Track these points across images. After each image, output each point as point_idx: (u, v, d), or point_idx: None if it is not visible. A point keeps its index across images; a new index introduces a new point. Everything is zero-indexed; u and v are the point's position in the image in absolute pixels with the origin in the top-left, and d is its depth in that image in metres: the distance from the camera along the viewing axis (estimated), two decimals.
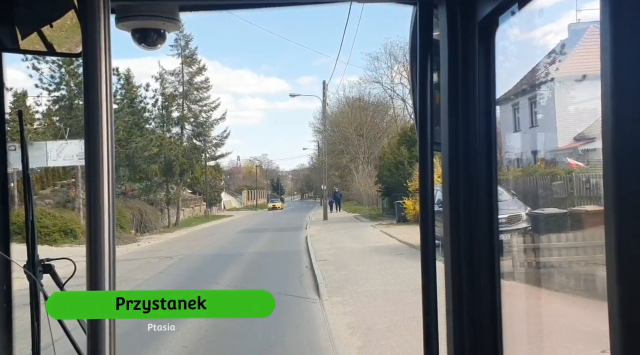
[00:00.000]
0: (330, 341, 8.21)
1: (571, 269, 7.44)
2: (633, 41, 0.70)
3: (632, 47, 0.70)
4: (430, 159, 1.41)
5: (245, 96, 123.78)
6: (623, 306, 0.71)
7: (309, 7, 1.65)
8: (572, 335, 5.38)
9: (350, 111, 55.77)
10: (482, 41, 1.32)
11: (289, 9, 1.68)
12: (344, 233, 25.48)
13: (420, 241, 1.42)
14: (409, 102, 42.32)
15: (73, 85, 30.06)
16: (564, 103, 13.15)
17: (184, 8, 1.56)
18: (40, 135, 28.47)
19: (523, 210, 10.97)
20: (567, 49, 11.81)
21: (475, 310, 1.35)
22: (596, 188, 8.92)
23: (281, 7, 1.70)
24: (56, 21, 1.50)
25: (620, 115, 0.71)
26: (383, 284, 12.27)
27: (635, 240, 0.70)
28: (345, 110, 57.15)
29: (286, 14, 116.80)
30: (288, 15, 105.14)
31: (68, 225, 24.99)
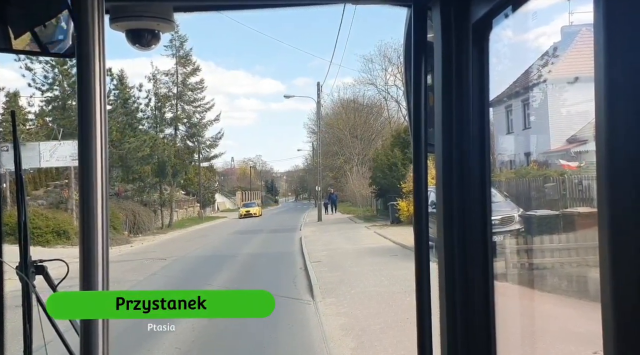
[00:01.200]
0: (324, 342, 8.21)
1: (563, 271, 7.47)
2: (627, 43, 0.70)
3: (625, 50, 0.71)
4: (424, 161, 1.41)
5: (239, 97, 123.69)
6: (616, 308, 0.72)
7: (303, 8, 1.65)
8: (564, 336, 5.41)
9: (345, 113, 55.81)
10: (475, 43, 1.33)
11: (283, 10, 1.68)
12: (338, 234, 25.48)
13: (414, 242, 1.42)
14: (403, 104, 42.38)
15: (66, 86, 29.97)
16: (556, 105, 13.22)
17: (179, 9, 1.56)
18: (33, 136, 28.35)
19: (516, 211, 11.00)
20: (559, 52, 11.87)
21: (468, 311, 1.35)
22: (588, 190, 8.97)
23: (275, 8, 1.70)
24: (49, 21, 1.49)
25: (613, 117, 0.72)
26: (377, 285, 12.28)
27: (628, 242, 0.70)
28: (339, 112, 57.18)
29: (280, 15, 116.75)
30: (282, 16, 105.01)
31: (61, 226, 24.88)
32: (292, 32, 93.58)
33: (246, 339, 8.76)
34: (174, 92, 43.50)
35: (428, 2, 1.40)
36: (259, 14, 8.75)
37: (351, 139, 53.43)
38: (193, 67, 44.17)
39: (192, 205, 47.98)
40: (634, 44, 0.70)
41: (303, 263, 16.75)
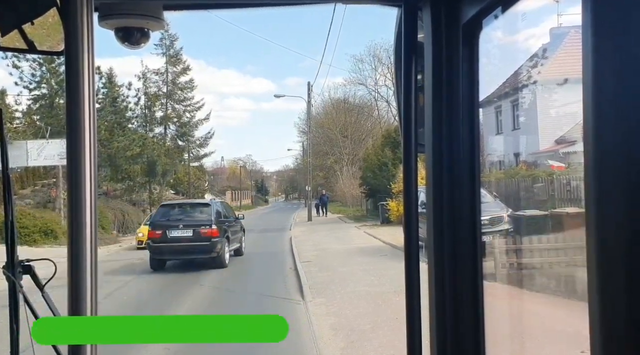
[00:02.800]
0: (313, 342, 8.20)
1: (552, 270, 7.52)
2: (614, 45, 0.71)
3: (613, 51, 0.71)
4: (414, 161, 1.42)
5: (230, 96, 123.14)
6: (603, 307, 0.72)
7: (293, 7, 1.65)
8: (552, 335, 5.45)
9: (335, 112, 55.82)
10: (466, 44, 1.33)
11: (274, 9, 1.68)
12: (328, 234, 25.48)
13: (404, 242, 1.42)
14: (393, 104, 42.49)
15: (54, 84, 29.68)
16: (545, 106, 13.31)
17: (169, 7, 1.55)
18: (20, 134, 28.04)
19: (505, 212, 11.06)
20: (549, 53, 11.95)
21: (457, 311, 1.36)
22: (577, 190, 9.04)
23: (266, 7, 1.70)
24: (37, 19, 1.48)
25: (601, 118, 0.72)
26: (367, 285, 12.29)
27: (615, 241, 0.71)
28: (330, 112, 57.18)
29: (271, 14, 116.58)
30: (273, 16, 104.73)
31: (48, 226, 24.63)
32: (282, 32, 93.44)
33: None
34: (163, 91, 43.26)
35: (418, 2, 1.40)
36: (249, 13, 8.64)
37: (341, 138, 53.46)
38: (183, 67, 43.97)
39: None
40: (621, 46, 0.70)
41: (293, 263, 16.73)
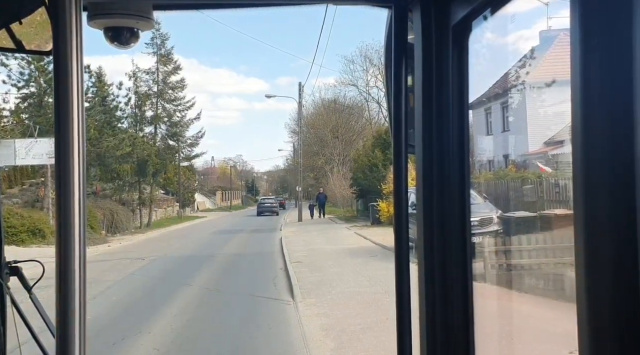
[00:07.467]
0: (303, 343, 8.20)
1: (541, 271, 7.57)
2: (601, 48, 0.72)
3: (600, 54, 0.72)
4: (404, 162, 1.42)
5: (222, 96, 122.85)
6: (591, 308, 0.73)
7: (285, 8, 1.65)
8: (541, 336, 5.48)
9: (326, 113, 55.80)
10: (455, 45, 1.34)
11: (265, 9, 1.67)
12: (319, 235, 25.48)
13: (394, 243, 1.42)
14: (384, 105, 42.56)
15: (43, 82, 29.40)
16: (534, 108, 13.38)
17: (158, 7, 1.54)
18: (8, 133, 27.75)
19: (494, 213, 11.14)
20: (537, 55, 12.02)
21: (447, 311, 1.36)
22: (565, 191, 9.11)
23: (257, 8, 1.69)
24: (25, 18, 1.46)
25: (589, 119, 0.73)
26: (357, 285, 12.30)
27: (603, 242, 0.72)
28: (321, 112, 57.15)
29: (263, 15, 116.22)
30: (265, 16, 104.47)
31: (36, 225, 24.41)
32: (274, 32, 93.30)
33: (226, 339, 8.72)
34: (154, 90, 43.03)
35: (409, 3, 1.41)
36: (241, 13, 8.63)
37: (332, 139, 53.46)
38: (174, 66, 43.76)
39: (171, 205, 47.52)
40: (607, 48, 0.71)
41: (283, 263, 16.71)
